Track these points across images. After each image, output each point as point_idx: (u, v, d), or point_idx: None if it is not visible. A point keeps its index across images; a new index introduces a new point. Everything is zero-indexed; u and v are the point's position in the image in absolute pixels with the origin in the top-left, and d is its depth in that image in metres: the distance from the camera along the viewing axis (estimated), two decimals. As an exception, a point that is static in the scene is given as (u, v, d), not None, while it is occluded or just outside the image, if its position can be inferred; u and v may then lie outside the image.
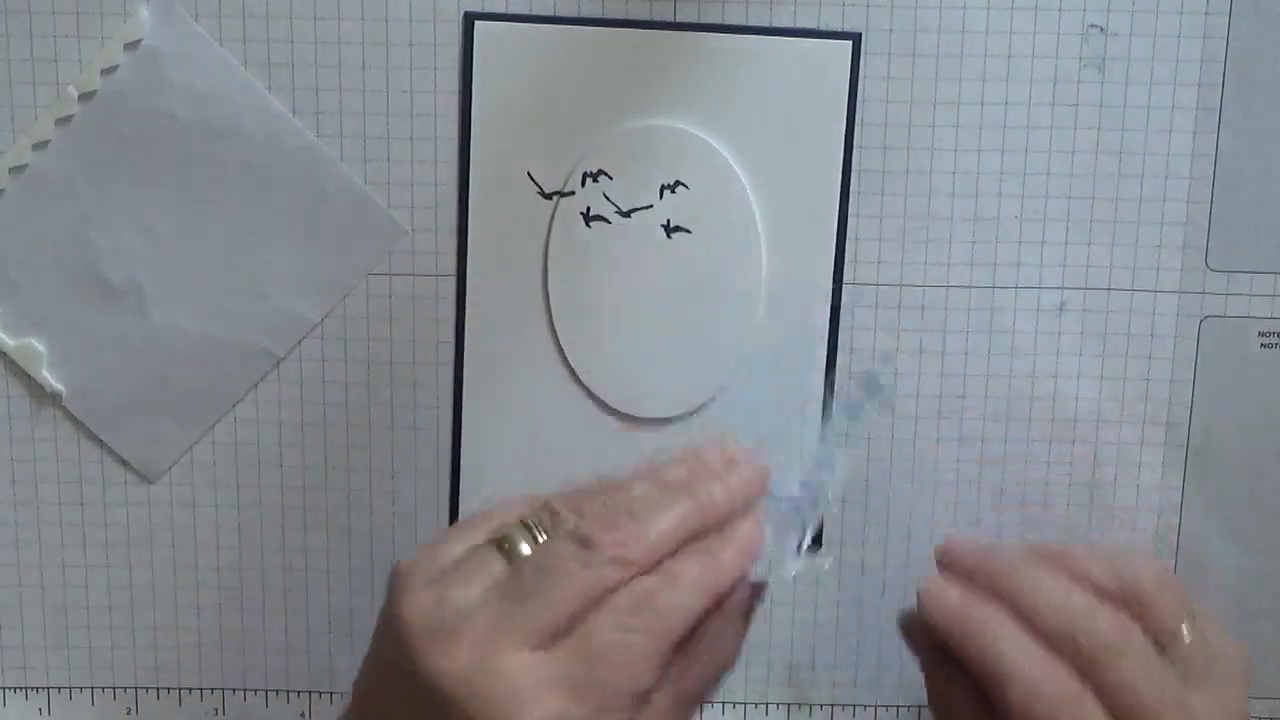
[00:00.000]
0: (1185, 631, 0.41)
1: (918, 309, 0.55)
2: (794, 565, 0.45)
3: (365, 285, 0.55)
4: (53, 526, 0.57)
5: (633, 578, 0.40)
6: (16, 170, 0.54)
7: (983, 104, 0.53)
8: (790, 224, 0.54)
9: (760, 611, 0.44)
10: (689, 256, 0.54)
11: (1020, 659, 0.40)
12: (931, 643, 0.44)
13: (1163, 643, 0.41)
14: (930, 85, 0.53)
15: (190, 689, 0.58)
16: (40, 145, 0.53)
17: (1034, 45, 0.53)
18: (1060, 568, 0.42)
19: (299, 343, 0.55)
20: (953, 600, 0.42)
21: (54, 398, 0.55)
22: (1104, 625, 0.40)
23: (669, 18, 0.53)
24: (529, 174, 0.54)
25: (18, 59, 0.53)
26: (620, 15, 0.53)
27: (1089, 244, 0.54)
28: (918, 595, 0.43)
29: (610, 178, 0.53)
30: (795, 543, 0.46)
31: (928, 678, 0.45)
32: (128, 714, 0.58)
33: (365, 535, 0.57)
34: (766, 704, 0.58)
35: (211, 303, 0.55)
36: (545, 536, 0.41)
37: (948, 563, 0.44)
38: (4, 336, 0.55)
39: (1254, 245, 0.54)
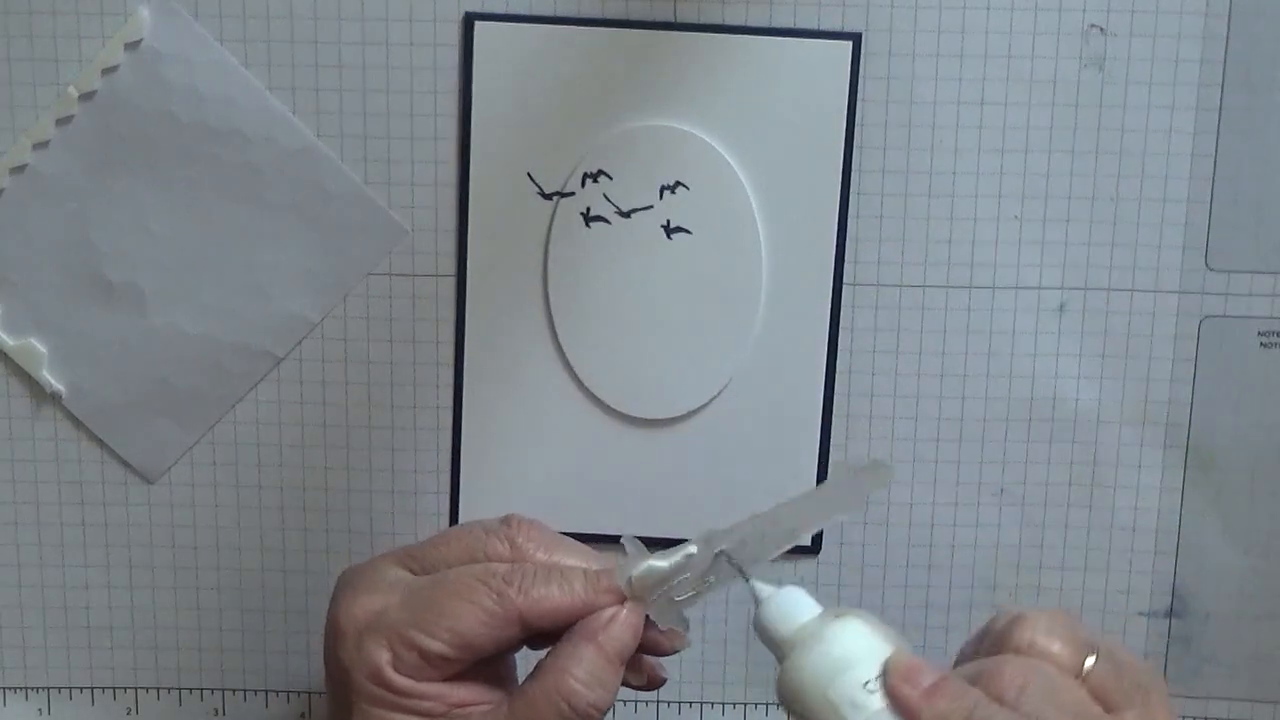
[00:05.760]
0: (1090, 664, 0.41)
1: (918, 309, 0.55)
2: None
3: (365, 285, 0.55)
4: (53, 526, 0.57)
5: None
6: (16, 170, 0.54)
7: (983, 104, 0.53)
8: (790, 224, 0.54)
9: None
10: (689, 257, 0.54)
11: None
12: None
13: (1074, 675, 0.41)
14: (930, 85, 0.53)
15: (190, 689, 0.58)
16: (40, 145, 0.53)
17: (1034, 45, 0.53)
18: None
19: (299, 343, 0.55)
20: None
21: (54, 398, 0.55)
22: (1008, 671, 0.40)
23: (669, 18, 0.53)
24: (529, 174, 0.54)
25: (18, 59, 0.53)
26: (620, 15, 0.53)
27: (1089, 244, 0.54)
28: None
29: (610, 178, 0.53)
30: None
31: None
32: (128, 714, 0.58)
33: (365, 535, 0.57)
34: (767, 704, 0.58)
35: (211, 303, 0.55)
36: None
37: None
38: (4, 336, 0.55)
39: (1254, 245, 0.54)
